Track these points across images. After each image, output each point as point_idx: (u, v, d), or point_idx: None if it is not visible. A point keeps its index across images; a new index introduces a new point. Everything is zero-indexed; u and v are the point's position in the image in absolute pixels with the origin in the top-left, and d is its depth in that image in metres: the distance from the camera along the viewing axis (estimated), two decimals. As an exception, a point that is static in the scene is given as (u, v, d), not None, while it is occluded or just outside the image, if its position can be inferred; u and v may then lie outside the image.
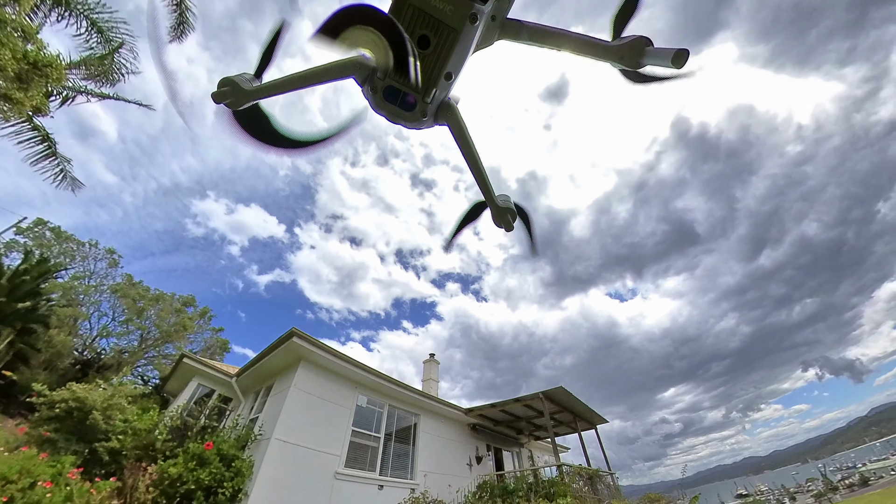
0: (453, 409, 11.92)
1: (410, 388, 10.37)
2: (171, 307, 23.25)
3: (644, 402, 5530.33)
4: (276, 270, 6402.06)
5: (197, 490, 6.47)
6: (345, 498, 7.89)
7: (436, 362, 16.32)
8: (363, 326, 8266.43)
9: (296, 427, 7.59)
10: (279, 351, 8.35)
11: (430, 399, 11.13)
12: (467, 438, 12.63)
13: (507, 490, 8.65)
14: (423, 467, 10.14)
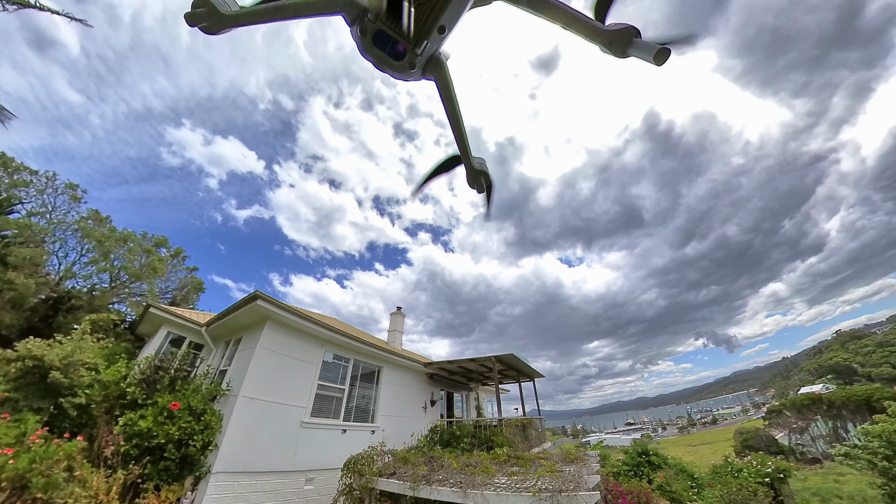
0: (415, 362, 12.09)
1: (375, 346, 10.26)
2: (141, 248, 20.72)
3: (572, 349, 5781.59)
4: (254, 206, 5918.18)
5: (167, 443, 6.22)
6: (310, 443, 8.01)
7: (402, 315, 16.36)
8: (338, 265, 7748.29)
9: (262, 384, 7.38)
10: (244, 311, 7.83)
11: (393, 354, 11.18)
12: (424, 385, 12.99)
13: (455, 435, 9.25)
14: (383, 412, 10.41)
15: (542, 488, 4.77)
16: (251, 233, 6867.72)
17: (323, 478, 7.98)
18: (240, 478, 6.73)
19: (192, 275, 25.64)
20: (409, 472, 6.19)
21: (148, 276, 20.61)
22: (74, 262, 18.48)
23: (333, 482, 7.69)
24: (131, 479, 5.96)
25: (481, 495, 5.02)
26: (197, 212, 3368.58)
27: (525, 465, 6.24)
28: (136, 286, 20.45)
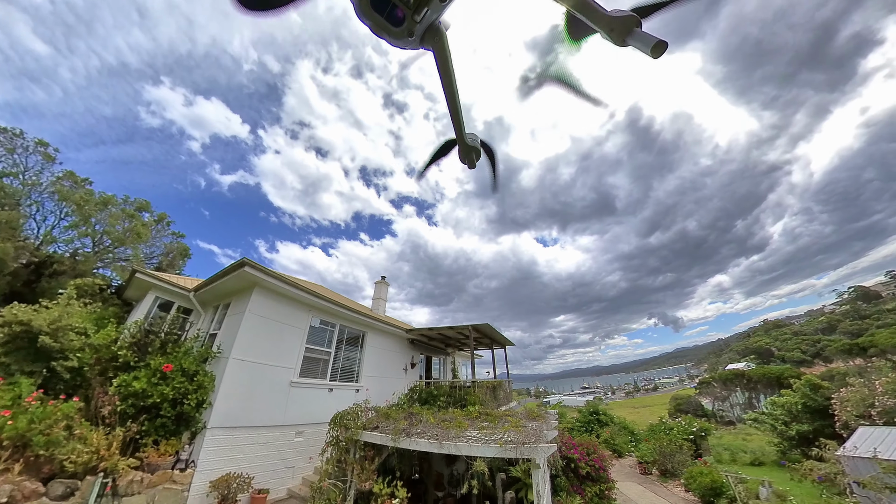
0: (397, 328, 12.25)
1: (359, 312, 10.29)
2: (123, 212, 19.18)
3: (541, 321, 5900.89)
4: (239, 172, 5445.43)
5: (162, 402, 6.30)
6: (299, 401, 8.21)
7: (385, 284, 16.21)
8: (324, 234, 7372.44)
9: (252, 347, 7.42)
10: (232, 277, 7.69)
11: (376, 320, 11.27)
12: (405, 349, 13.25)
13: (432, 394, 9.68)
14: (367, 373, 10.64)
15: (507, 440, 5.24)
16: (236, 199, 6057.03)
17: (311, 431, 8.29)
18: (234, 432, 6.91)
19: (178, 241, 24.35)
20: (390, 426, 6.56)
21: (132, 241, 19.41)
22: (54, 225, 17.08)
23: (321, 435, 8.00)
24: (130, 436, 6.02)
25: (455, 446, 5.45)
26: (179, 176, 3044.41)
27: (494, 421, 6.74)
28: (121, 251, 19.19)
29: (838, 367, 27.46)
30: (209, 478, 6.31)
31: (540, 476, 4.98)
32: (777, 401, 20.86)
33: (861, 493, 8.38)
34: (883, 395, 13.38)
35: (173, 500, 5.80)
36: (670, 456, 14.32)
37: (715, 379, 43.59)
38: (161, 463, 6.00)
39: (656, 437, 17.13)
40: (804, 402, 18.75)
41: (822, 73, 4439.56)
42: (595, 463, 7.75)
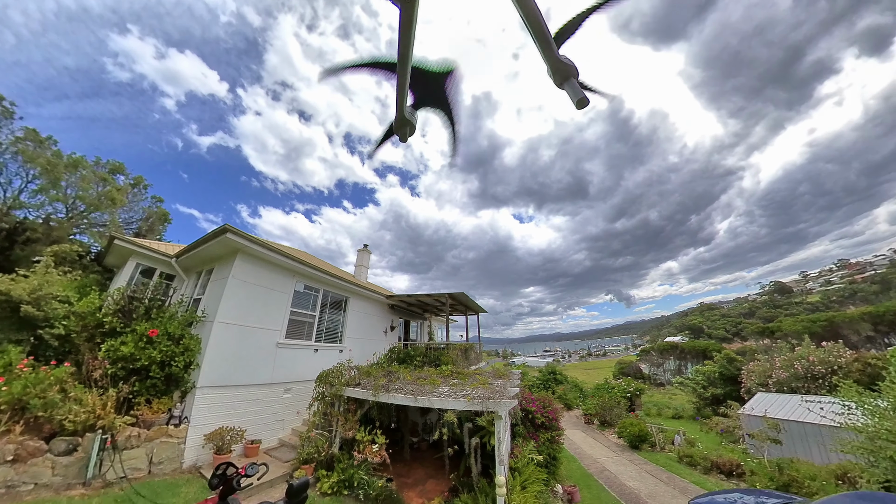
0: (378, 294, 12.28)
1: (342, 278, 10.17)
2: (94, 175, 17.28)
3: (512, 291, 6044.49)
4: (218, 133, 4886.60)
5: (151, 365, 6.26)
6: (286, 360, 8.30)
7: (368, 252, 15.90)
8: (307, 200, 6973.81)
9: (237, 311, 7.31)
10: (214, 243, 7.40)
11: (358, 286, 11.21)
12: (385, 313, 13.34)
13: (409, 355, 10.03)
14: (349, 335, 10.73)
15: (475, 396, 5.68)
16: (216, 161, 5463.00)
17: (299, 388, 8.47)
18: (224, 390, 6.96)
19: (156, 205, 22.57)
20: (371, 382, 6.87)
21: (107, 206, 17.83)
22: (21, 189, 15.24)
23: (308, 391, 8.18)
24: (123, 396, 6.04)
25: (428, 400, 5.84)
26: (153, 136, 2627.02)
27: (464, 379, 7.21)
28: (97, 216, 17.61)
29: (751, 346, 31.24)
30: (203, 432, 6.44)
31: (501, 426, 5.49)
32: (700, 369, 23.58)
33: (750, 442, 9.85)
34: (779, 370, 15.49)
35: (171, 451, 5.96)
36: (609, 410, 15.87)
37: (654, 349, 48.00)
38: (155, 420, 6.07)
39: (600, 394, 18.85)
40: (720, 371, 21.33)
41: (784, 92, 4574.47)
42: (549, 415, 8.54)
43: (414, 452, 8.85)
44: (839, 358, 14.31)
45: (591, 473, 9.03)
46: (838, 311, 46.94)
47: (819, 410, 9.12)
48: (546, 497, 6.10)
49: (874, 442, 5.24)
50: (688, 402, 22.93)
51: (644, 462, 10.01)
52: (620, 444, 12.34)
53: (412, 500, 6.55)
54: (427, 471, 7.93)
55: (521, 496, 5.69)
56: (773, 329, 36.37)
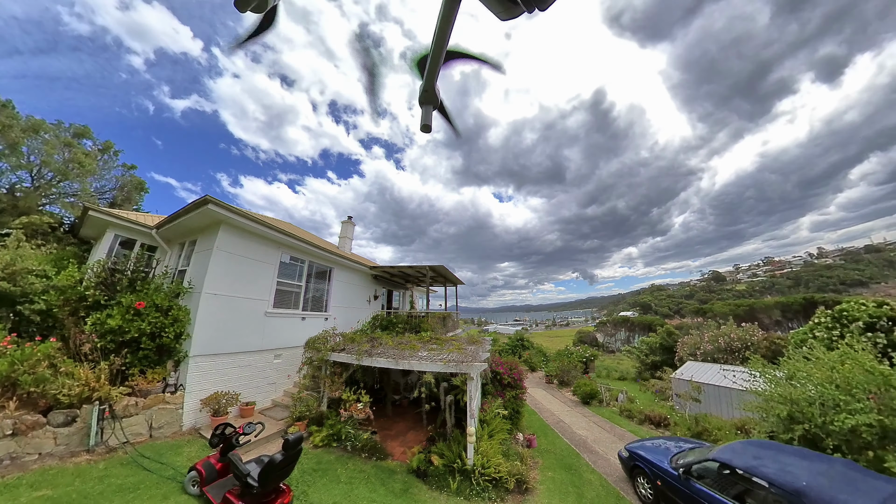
0: (361, 265, 12.09)
1: (327, 250, 9.86)
2: (58, 140, 15.38)
3: (488, 265, 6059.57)
4: (193, 96, 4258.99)
5: (141, 337, 6.04)
6: (275, 329, 8.22)
7: (352, 224, 15.41)
8: (290, 170, 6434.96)
9: (224, 282, 7.06)
10: (195, 214, 6.94)
11: (343, 257, 10.94)
12: (369, 283, 13.21)
13: (392, 322, 10.18)
14: (334, 304, 10.63)
15: (450, 359, 5.96)
16: (192, 127, 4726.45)
17: (289, 354, 8.49)
18: (216, 358, 6.86)
19: (130, 173, 20.47)
20: (355, 348, 7.02)
21: (77, 174, 15.97)
22: None
23: (297, 357, 8.27)
24: (116, 368, 5.86)
25: (408, 363, 6.08)
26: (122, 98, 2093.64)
27: (441, 344, 7.49)
28: (66, 186, 15.94)
29: (687, 322, 35.13)
30: (199, 397, 6.41)
31: (472, 385, 5.85)
32: (645, 340, 25.76)
33: (677, 400, 11.10)
34: (706, 343, 17.40)
35: (169, 416, 5.94)
36: (567, 372, 17.12)
37: (609, 321, 51.78)
38: (151, 388, 5.93)
39: (560, 359, 20.21)
40: (661, 342, 23.45)
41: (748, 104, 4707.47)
42: (514, 376, 9.13)
43: (396, 409, 9.27)
44: (752, 336, 16.31)
45: (548, 424, 9.88)
46: (758, 299, 52.68)
47: (732, 377, 10.34)
48: (509, 443, 6.67)
49: (768, 403, 5.96)
50: (632, 367, 25.20)
51: (593, 415, 11.05)
52: (575, 400, 13.45)
53: (395, 449, 6.96)
54: (408, 424, 8.38)
55: (487, 443, 6.20)
56: (706, 310, 41.09)
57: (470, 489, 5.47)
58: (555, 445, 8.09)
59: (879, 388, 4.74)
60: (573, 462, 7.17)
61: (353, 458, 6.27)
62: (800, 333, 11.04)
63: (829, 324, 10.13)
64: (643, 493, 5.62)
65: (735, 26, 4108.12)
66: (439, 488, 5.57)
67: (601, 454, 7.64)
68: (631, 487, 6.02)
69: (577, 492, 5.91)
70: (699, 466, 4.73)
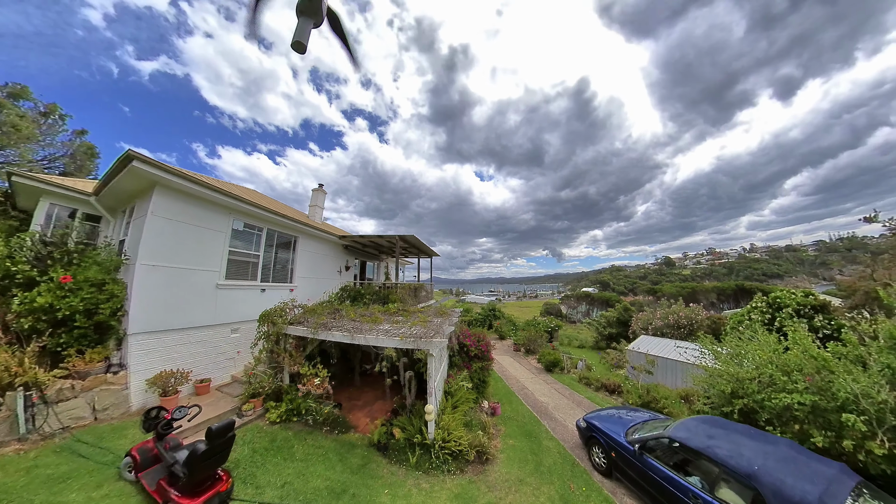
0: (330, 234, 10.94)
1: (288, 217, 8.56)
2: None
3: (467, 241, 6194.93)
4: (161, 57, 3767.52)
5: (74, 314, 5.17)
6: (230, 301, 7.17)
7: (323, 192, 13.97)
8: (270, 140, 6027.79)
9: (163, 251, 5.91)
10: (124, 175, 5.68)
11: (308, 225, 9.62)
12: (340, 254, 12.13)
13: (360, 293, 9.35)
14: (300, 274, 9.57)
15: (408, 335, 5.28)
16: (162, 92, 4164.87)
17: (247, 328, 7.47)
18: (161, 335, 5.91)
19: (80, 139, 17.40)
20: (313, 321, 6.20)
21: (15, 140, 13.19)
22: None
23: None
24: (50, 348, 5.08)
25: (364, 338, 5.36)
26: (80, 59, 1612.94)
27: (407, 316, 6.82)
28: (7, 154, 13.25)
29: (639, 300, 38.17)
30: (144, 377, 5.59)
31: (433, 362, 5.24)
32: (604, 314, 26.77)
33: (631, 371, 11.32)
34: (658, 319, 18.26)
35: (114, 398, 5.25)
36: (534, 341, 17.31)
37: (573, 296, 54.03)
38: (90, 369, 5.17)
39: (528, 329, 20.49)
40: (618, 317, 24.40)
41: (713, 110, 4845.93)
42: (482, 348, 8.72)
43: (365, 378, 8.73)
44: (697, 316, 17.32)
45: (513, 391, 9.76)
46: (699, 283, 58.01)
47: (683, 352, 10.64)
48: (471, 415, 6.30)
49: (714, 379, 6.02)
50: (590, 337, 26.31)
51: (555, 382, 11.10)
52: (539, 367, 13.58)
53: (360, 420, 6.45)
54: (376, 394, 7.88)
55: (450, 416, 5.76)
56: (656, 290, 46.76)
57: (429, 463, 5.04)
58: (518, 412, 7.91)
59: (817, 372, 4.80)
60: (534, 429, 6.98)
61: (314, 432, 5.71)
62: (738, 315, 11.69)
63: (764, 308, 10.85)
64: (597, 462, 5.46)
65: (713, 35, 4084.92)
66: (399, 462, 5.11)
67: (560, 421, 7.52)
68: (586, 455, 5.87)
69: (536, 459, 5.67)
70: (654, 443, 4.51)
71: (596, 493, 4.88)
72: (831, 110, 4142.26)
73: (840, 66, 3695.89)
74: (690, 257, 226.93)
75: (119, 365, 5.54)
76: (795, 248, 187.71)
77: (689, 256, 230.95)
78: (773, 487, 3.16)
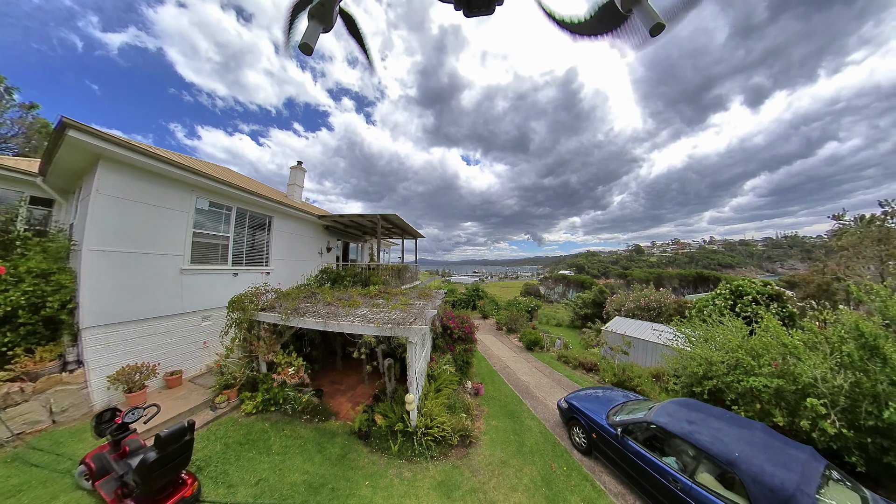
0: (308, 214, 9.98)
1: (260, 194, 7.67)
2: None
3: (453, 224, 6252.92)
4: (130, 29, 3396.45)
5: (16, 310, 4.54)
6: (198, 288, 6.38)
7: (302, 170, 12.74)
8: (252, 120, 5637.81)
9: (114, 234, 5.05)
10: (64, 149, 4.75)
11: (282, 204, 8.62)
12: (320, 234, 11.19)
13: (340, 275, 8.69)
14: (276, 256, 8.69)
15: (386, 321, 4.78)
16: (133, 68, 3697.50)
17: (220, 315, 6.68)
18: (119, 328, 5.16)
19: (31, 115, 14.97)
20: (286, 306, 5.59)
21: None
22: None
23: (230, 317, 6.57)
24: None
25: (338, 325, 4.84)
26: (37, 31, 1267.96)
27: (388, 299, 6.32)
28: None
29: (611, 282, 40.79)
30: (105, 373, 4.93)
31: (413, 350, 4.81)
32: (581, 295, 27.37)
33: (608, 351, 11.53)
34: (630, 302, 18.94)
35: (73, 398, 4.67)
36: (515, 320, 17.43)
37: (551, 277, 55.60)
38: (41, 370, 4.56)
39: (510, 308, 20.64)
40: (594, 298, 25.03)
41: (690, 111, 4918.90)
42: (465, 329, 8.40)
43: (348, 361, 8.30)
44: (666, 300, 18.03)
45: (496, 370, 9.68)
46: (664, 269, 63.63)
47: (659, 335, 10.91)
48: (455, 398, 6.06)
49: (688, 360, 6.13)
50: (567, 316, 27.07)
51: (535, 360, 11.15)
52: (520, 346, 13.68)
53: (342, 405, 6.05)
54: (359, 377, 7.48)
55: (433, 401, 5.46)
56: (627, 274, 50.73)
57: (412, 451, 4.74)
58: (500, 392, 7.80)
59: (784, 357, 4.88)
60: (516, 409, 6.86)
61: (293, 422, 5.26)
62: (702, 301, 12.15)
63: (727, 295, 11.31)
64: (577, 442, 5.37)
65: (697, 38, 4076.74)
66: (380, 451, 4.78)
67: (541, 400, 7.47)
68: (566, 434, 5.81)
69: (518, 440, 5.53)
70: (636, 427, 4.41)
71: (576, 472, 4.79)
72: (792, 121, 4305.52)
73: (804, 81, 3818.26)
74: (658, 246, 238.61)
75: (76, 362, 4.86)
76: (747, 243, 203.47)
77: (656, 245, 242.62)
78: (752, 475, 3.07)
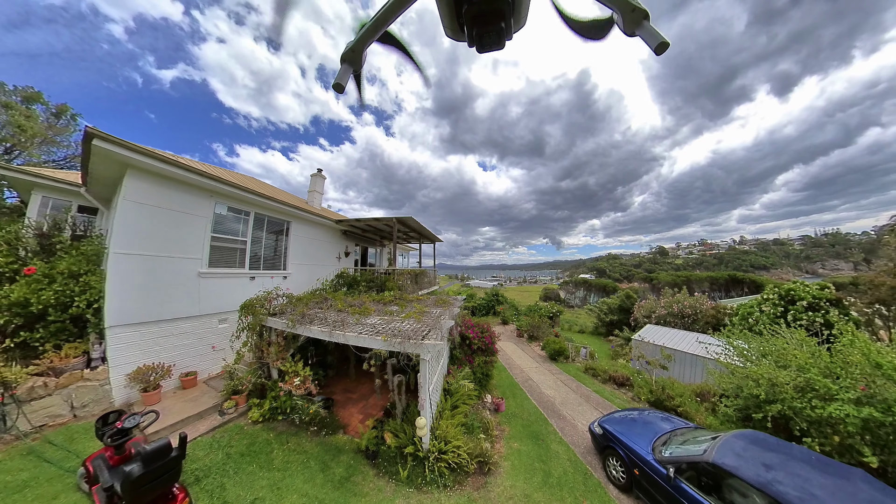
0: (326, 219, 9.76)
1: (276, 199, 7.47)
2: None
3: (471, 229, 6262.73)
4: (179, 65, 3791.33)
5: (47, 308, 4.68)
6: (215, 290, 6.21)
7: (322, 177, 12.66)
8: (282, 137, 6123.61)
9: (138, 238, 5.02)
10: (95, 160, 4.82)
11: (301, 210, 8.47)
12: (338, 239, 10.94)
13: (355, 280, 8.31)
14: (294, 261, 8.47)
15: (395, 334, 4.17)
16: (182, 98, 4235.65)
17: (236, 318, 6.55)
18: (140, 328, 5.09)
19: None
20: (294, 312, 5.19)
21: (25, 140, 12.43)
22: None
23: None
24: (31, 344, 4.61)
25: (343, 336, 4.31)
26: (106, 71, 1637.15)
27: (403, 306, 5.76)
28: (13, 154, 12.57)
29: (635, 286, 37.26)
30: (124, 371, 4.87)
31: (426, 367, 4.15)
32: (606, 300, 25.21)
33: (639, 362, 9.94)
34: (661, 308, 16.64)
35: (94, 394, 4.64)
36: (537, 328, 16.20)
37: (571, 282, 52.60)
38: (66, 365, 4.58)
39: (531, 315, 19.36)
40: (620, 304, 22.88)
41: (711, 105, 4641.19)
42: (486, 340, 7.65)
43: (362, 369, 7.84)
44: (702, 306, 15.59)
45: (517, 383, 8.73)
46: (691, 272, 57.78)
47: (706, 348, 9.31)
48: (473, 415, 5.30)
49: (745, 381, 4.99)
50: (590, 322, 25.07)
51: (560, 372, 10.02)
52: (543, 355, 12.53)
53: (353, 416, 5.53)
54: (372, 387, 6.94)
55: (449, 421, 4.75)
56: (652, 278, 45.34)
57: (422, 478, 4.06)
58: (523, 408, 6.89)
59: (872, 379, 3.77)
60: (541, 429, 5.93)
61: (299, 433, 4.79)
62: (745, 307, 10.30)
63: (776, 300, 9.55)
64: (614, 476, 4.37)
65: (714, 29, 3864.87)
66: (388, 475, 4.13)
67: (569, 419, 6.45)
68: (599, 462, 4.84)
69: (544, 468, 4.65)
70: (690, 466, 3.40)
71: (615, 515, 3.87)
72: (826, 108, 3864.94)
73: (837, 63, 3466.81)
74: (683, 247, 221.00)
75: (101, 360, 4.83)
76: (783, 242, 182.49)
77: (681, 246, 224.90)
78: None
